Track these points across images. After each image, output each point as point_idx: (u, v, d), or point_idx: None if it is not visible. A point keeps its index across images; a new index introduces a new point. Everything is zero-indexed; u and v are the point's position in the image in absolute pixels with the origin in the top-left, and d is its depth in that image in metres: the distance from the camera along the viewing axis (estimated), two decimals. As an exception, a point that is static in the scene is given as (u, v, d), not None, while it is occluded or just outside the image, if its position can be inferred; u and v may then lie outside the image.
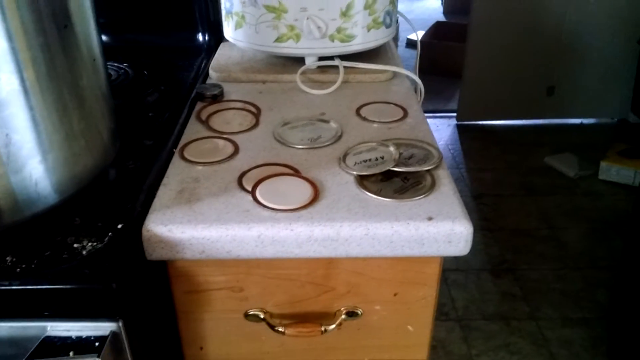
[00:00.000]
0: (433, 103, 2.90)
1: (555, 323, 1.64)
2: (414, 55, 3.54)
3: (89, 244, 0.49)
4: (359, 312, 0.60)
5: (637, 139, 2.37)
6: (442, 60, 3.07)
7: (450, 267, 1.84)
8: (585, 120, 2.78)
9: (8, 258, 0.48)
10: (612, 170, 2.29)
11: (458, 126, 2.76)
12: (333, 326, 0.59)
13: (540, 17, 2.54)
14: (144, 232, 0.52)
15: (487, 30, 2.58)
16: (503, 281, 1.80)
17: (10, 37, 0.44)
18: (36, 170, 0.49)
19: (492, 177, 2.36)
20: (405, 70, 0.85)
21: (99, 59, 0.56)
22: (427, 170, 0.61)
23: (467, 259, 1.88)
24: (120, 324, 0.48)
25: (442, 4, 4.60)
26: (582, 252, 1.92)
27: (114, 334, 0.49)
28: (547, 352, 1.55)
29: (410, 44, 3.68)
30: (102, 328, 0.49)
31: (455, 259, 1.87)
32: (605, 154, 2.33)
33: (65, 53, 0.50)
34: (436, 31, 3.44)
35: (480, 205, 2.15)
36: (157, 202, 0.55)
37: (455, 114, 2.80)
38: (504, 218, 2.10)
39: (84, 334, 0.49)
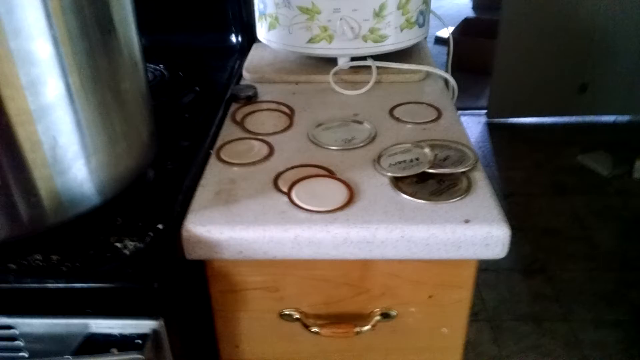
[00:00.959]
0: (462, 100, 2.86)
1: (588, 324, 1.61)
2: (442, 51, 3.51)
3: (131, 243, 0.50)
4: (394, 314, 0.60)
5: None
6: (471, 56, 3.03)
7: (481, 267, 1.82)
8: (619, 118, 2.72)
9: (53, 257, 0.49)
10: (647, 169, 2.23)
11: (488, 124, 2.73)
12: (367, 327, 0.59)
13: (572, 13, 2.49)
14: (184, 233, 0.53)
15: (518, 26, 2.54)
16: (534, 281, 1.78)
17: (56, 43, 0.45)
18: (80, 172, 0.50)
19: (522, 175, 2.33)
20: (439, 70, 0.84)
21: (140, 63, 0.57)
22: (463, 172, 0.60)
23: (497, 259, 1.86)
24: (161, 322, 0.49)
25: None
26: (615, 253, 1.88)
27: (155, 332, 0.50)
28: (580, 354, 1.53)
29: (439, 40, 3.65)
30: (143, 326, 0.50)
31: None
32: (639, 153, 2.27)
33: (108, 57, 0.51)
34: (465, 27, 3.40)
35: (511, 205, 2.13)
36: (195, 203, 0.56)
37: (484, 111, 2.77)
38: (535, 217, 2.07)
39: (126, 331, 0.50)
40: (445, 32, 3.55)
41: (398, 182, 0.59)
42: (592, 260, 1.85)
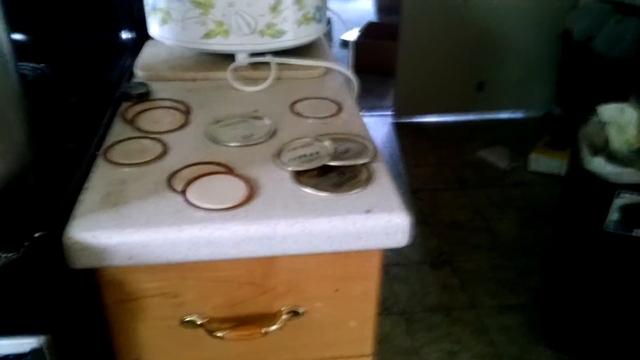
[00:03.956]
0: (368, 101, 2.93)
1: (493, 311, 1.69)
2: (348, 55, 3.57)
3: (3, 255, 0.45)
4: (301, 311, 0.59)
5: (562, 131, 2.48)
6: (375, 59, 3.11)
7: (392, 262, 1.86)
8: (514, 114, 2.89)
9: None
10: (540, 161, 2.38)
11: (394, 124, 2.80)
12: (274, 327, 0.57)
13: (467, 14, 2.62)
14: (65, 240, 0.48)
15: (417, 29, 2.64)
16: (442, 273, 1.84)
17: None
18: (-60, 178, 0.44)
19: (427, 172, 2.41)
20: (338, 65, 0.84)
21: (9, 55, 0.52)
22: (363, 164, 0.60)
23: (407, 253, 1.91)
24: (43, 340, 0.45)
25: (373, 4, 4.66)
26: (515, 241, 1.99)
27: (36, 351, 0.45)
28: (487, 340, 1.59)
29: (345, 44, 3.71)
30: (24, 345, 0.45)
31: (396, 253, 1.89)
32: (533, 146, 2.42)
33: (-32, 49, 0.46)
34: (369, 31, 3.48)
35: (417, 200, 2.19)
36: (80, 207, 0.52)
37: (390, 113, 2.84)
38: (440, 211, 2.15)
39: (6, 352, 0.45)
40: (350, 36, 3.62)
41: (299, 176, 0.58)
42: (494, 250, 1.95)
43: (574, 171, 1.40)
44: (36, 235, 0.47)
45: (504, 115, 2.88)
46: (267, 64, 0.81)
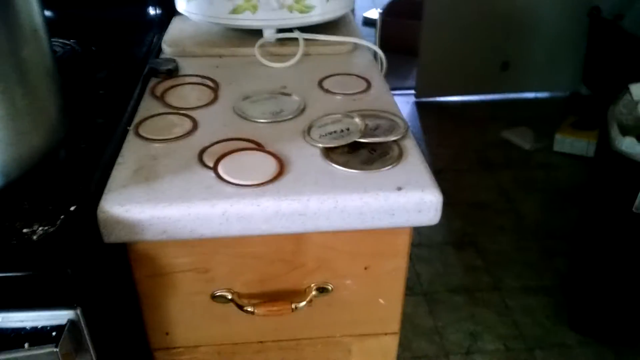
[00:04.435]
0: (390, 81, 2.88)
1: (517, 292, 1.68)
2: (370, 33, 3.52)
3: (40, 228, 0.46)
4: (330, 288, 0.59)
5: (589, 111, 2.43)
6: (398, 37, 3.06)
7: (414, 242, 1.85)
8: (539, 94, 2.83)
9: (-49, 247, 0.44)
10: (566, 142, 2.34)
11: (416, 103, 2.77)
12: (304, 303, 0.57)
13: (493, -8, 2.56)
14: (99, 214, 0.49)
15: (441, 7, 2.59)
16: (465, 254, 1.83)
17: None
18: (-23, 151, 0.45)
19: (450, 152, 2.38)
20: (366, 41, 0.83)
21: (41, 31, 0.52)
22: (394, 141, 0.59)
23: (430, 234, 1.90)
24: (79, 312, 0.45)
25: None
26: (539, 223, 1.97)
27: (72, 323, 0.46)
28: (511, 321, 1.58)
29: (367, 22, 3.66)
30: (58, 317, 0.46)
31: (419, 234, 1.88)
32: (559, 126, 2.38)
33: (3, 25, 0.46)
34: (392, 8, 3.43)
35: (441, 181, 2.16)
36: (112, 181, 0.52)
37: (413, 92, 2.81)
38: (463, 192, 2.13)
39: (40, 324, 0.46)
40: (373, 13, 3.57)
41: (329, 153, 0.57)
42: (519, 231, 1.93)
43: (602, 152, 1.37)
44: (71, 209, 0.47)
45: (529, 95, 2.83)
46: (294, 39, 0.80)
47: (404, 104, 2.76)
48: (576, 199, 2.06)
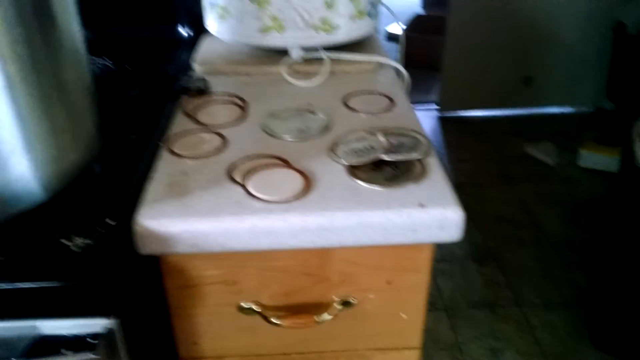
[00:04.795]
0: (414, 95, 2.89)
1: (538, 308, 1.67)
2: (393, 48, 3.54)
3: (80, 240, 0.48)
4: (353, 302, 0.60)
5: (613, 126, 2.41)
6: (421, 53, 3.08)
7: (435, 257, 1.85)
8: (563, 109, 2.82)
9: (-4, 257, 0.47)
10: (589, 157, 2.32)
11: (439, 118, 2.78)
12: (328, 316, 0.59)
13: (515, 8, 2.57)
14: (135, 227, 0.51)
15: (465, 23, 2.60)
16: (487, 269, 1.82)
17: (-9, 31, 0.43)
18: (22, 166, 0.48)
19: (472, 166, 2.38)
20: (390, 60, 0.85)
21: (82, 53, 0.55)
22: (417, 159, 0.61)
23: (451, 249, 1.90)
24: (115, 321, 0.48)
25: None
26: (561, 238, 1.95)
27: (109, 331, 0.48)
28: (532, 337, 1.57)
29: (390, 37, 3.68)
30: (95, 325, 0.48)
31: (440, 248, 1.88)
32: (582, 142, 2.37)
33: (48, 47, 0.49)
34: (415, 24, 3.45)
35: (462, 195, 2.16)
36: (146, 196, 0.55)
37: (435, 106, 2.82)
38: (485, 206, 2.12)
39: (78, 331, 0.48)
40: (396, 28, 3.59)
41: (354, 170, 0.59)
42: (540, 246, 1.92)
43: (626, 168, 1.36)
44: (108, 222, 0.50)
45: (552, 110, 2.82)
46: (320, 58, 0.82)
47: (427, 118, 2.77)
48: (598, 214, 2.04)
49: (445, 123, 2.74)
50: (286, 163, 0.60)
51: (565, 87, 2.76)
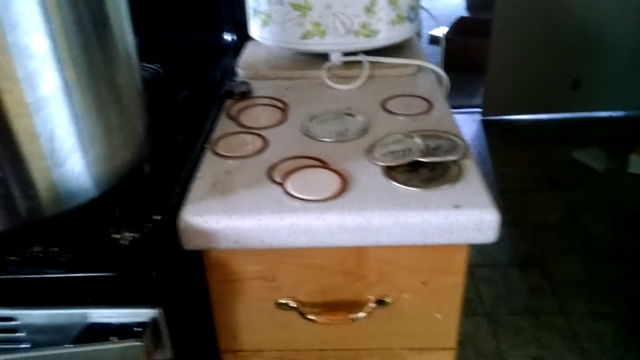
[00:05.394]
0: (457, 99, 2.88)
1: (585, 317, 1.63)
2: (436, 51, 3.52)
3: (129, 234, 0.51)
4: (389, 301, 0.61)
5: (667, 131, 2.32)
6: (465, 56, 3.05)
7: (477, 263, 1.83)
8: (613, 113, 2.74)
9: (53, 248, 0.50)
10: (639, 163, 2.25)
11: (483, 122, 2.75)
12: (363, 314, 0.60)
13: (564, 10, 2.51)
14: (180, 223, 0.54)
15: (511, 25, 2.56)
16: (531, 276, 1.79)
17: (52, 37, 0.46)
18: (78, 165, 0.51)
19: (517, 172, 2.34)
20: (430, 63, 0.85)
21: (134, 58, 0.58)
22: (454, 161, 0.61)
23: (493, 255, 1.87)
24: (160, 311, 0.50)
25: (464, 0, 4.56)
26: (610, 246, 1.90)
27: (154, 320, 0.51)
28: (578, 347, 1.54)
29: (433, 40, 3.66)
30: (142, 314, 0.51)
31: (482, 254, 1.86)
32: (634, 147, 2.29)
33: (103, 52, 0.52)
34: (459, 27, 3.42)
35: (506, 201, 2.14)
36: (191, 194, 0.57)
37: (479, 110, 2.78)
38: (530, 213, 2.08)
39: (126, 320, 0.51)
40: (439, 31, 3.57)
41: (391, 171, 0.60)
42: (588, 254, 1.87)
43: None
44: (156, 218, 0.53)
45: (602, 114, 2.74)
46: (360, 62, 0.84)
47: (470, 122, 2.74)
48: (650, 223, 1.98)
49: (489, 127, 2.70)
50: (324, 164, 0.62)
51: (616, 91, 2.68)
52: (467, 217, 0.54)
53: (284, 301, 0.61)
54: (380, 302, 0.61)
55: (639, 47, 2.56)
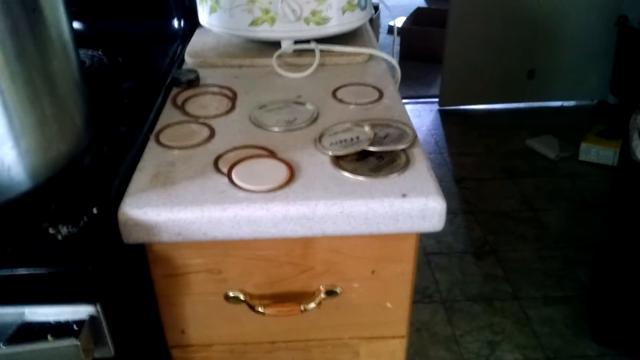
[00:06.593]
0: (415, 89, 2.91)
1: (537, 302, 1.67)
2: (395, 42, 3.55)
3: (65, 228, 0.49)
4: (338, 291, 0.61)
5: (616, 120, 2.40)
6: (422, 46, 3.08)
7: (434, 251, 1.86)
8: (566, 103, 2.81)
9: (-18, 244, 0.48)
10: (591, 151, 2.32)
11: (440, 111, 2.78)
12: (312, 305, 0.59)
13: (519, 1, 2.56)
14: (120, 216, 0.52)
15: (467, 16, 2.59)
16: (485, 263, 1.83)
17: (-24, 22, 0.44)
18: (8, 156, 0.48)
19: (473, 160, 2.38)
20: (381, 52, 0.85)
21: (70, 44, 0.56)
22: (402, 149, 0.61)
23: (449, 242, 1.90)
24: (99, 308, 0.49)
25: (422, -10, 4.59)
26: (563, 233, 1.95)
27: (92, 318, 0.49)
28: (530, 331, 1.58)
29: (392, 30, 3.68)
30: (80, 312, 0.49)
31: (438, 242, 1.89)
32: (585, 136, 2.36)
33: (34, 37, 0.49)
34: (417, 17, 3.44)
35: (463, 189, 2.17)
36: (132, 186, 0.55)
37: (437, 100, 2.81)
38: (486, 201, 2.12)
39: (62, 318, 0.49)
40: (398, 22, 3.58)
41: (339, 160, 0.59)
42: (541, 241, 1.92)
43: (624, 162, 1.36)
44: (93, 211, 0.51)
45: (555, 103, 2.81)
46: (311, 50, 0.83)
47: (428, 112, 2.77)
48: (601, 209, 2.04)
49: (447, 117, 2.74)
50: (272, 154, 0.61)
51: (569, 81, 2.75)
52: (413, 205, 0.54)
53: (232, 294, 0.60)
54: (330, 293, 0.61)
55: (591, 39, 2.63)
